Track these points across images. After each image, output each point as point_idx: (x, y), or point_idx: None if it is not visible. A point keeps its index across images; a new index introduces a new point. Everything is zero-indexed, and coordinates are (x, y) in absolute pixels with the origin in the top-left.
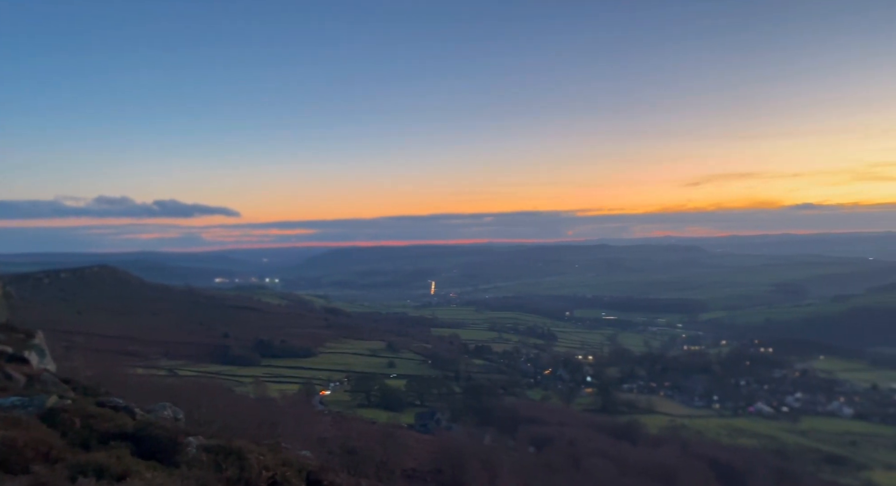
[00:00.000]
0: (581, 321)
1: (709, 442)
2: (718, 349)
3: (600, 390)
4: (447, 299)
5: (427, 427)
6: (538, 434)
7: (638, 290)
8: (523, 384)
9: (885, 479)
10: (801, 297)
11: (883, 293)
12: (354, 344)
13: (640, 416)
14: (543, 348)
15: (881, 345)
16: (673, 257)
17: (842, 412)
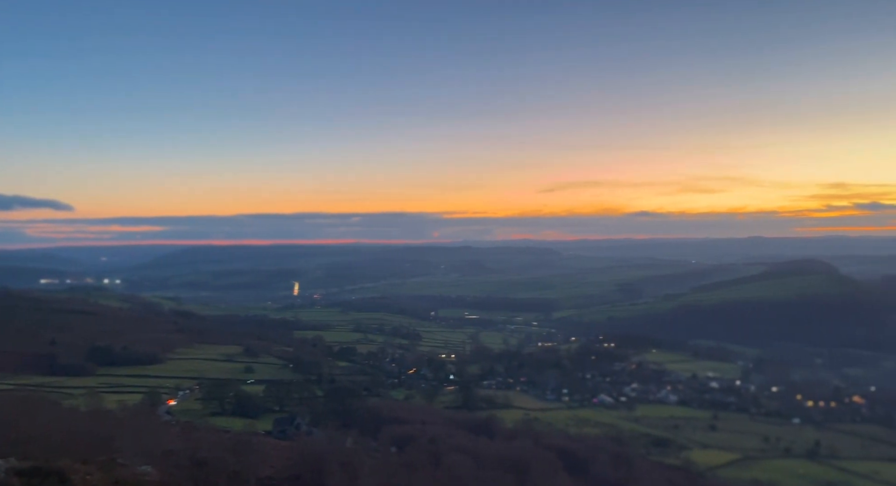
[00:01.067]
0: (445, 321)
1: (558, 433)
2: (569, 346)
3: (461, 387)
4: (311, 300)
5: (286, 433)
6: (401, 434)
7: (498, 290)
8: (387, 385)
9: (701, 457)
10: (638, 296)
11: (703, 292)
12: (208, 349)
13: (498, 411)
14: (408, 349)
15: (701, 338)
16: (530, 259)
17: (668, 400)
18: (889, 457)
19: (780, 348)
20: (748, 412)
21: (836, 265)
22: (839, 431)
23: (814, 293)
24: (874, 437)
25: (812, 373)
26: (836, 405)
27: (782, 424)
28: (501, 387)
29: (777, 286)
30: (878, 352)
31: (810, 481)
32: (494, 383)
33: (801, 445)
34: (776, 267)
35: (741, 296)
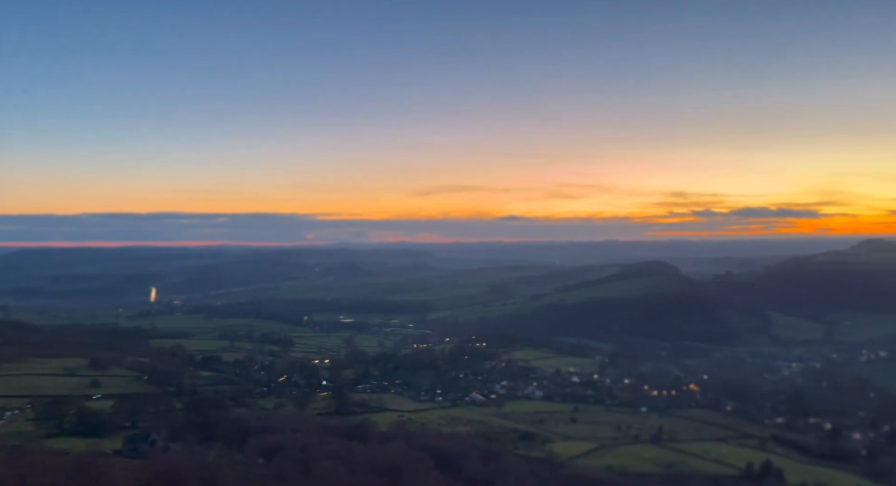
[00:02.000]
0: (319, 325)
1: (431, 433)
2: (443, 346)
3: (335, 392)
4: (171, 306)
5: (138, 451)
6: (269, 444)
7: (375, 292)
8: (256, 394)
9: (562, 448)
10: (508, 296)
11: (566, 292)
12: (45, 363)
13: (373, 415)
14: (279, 355)
15: (564, 335)
16: (406, 261)
17: (535, 395)
18: (717, 437)
19: (632, 343)
20: (604, 404)
21: (678, 266)
22: (678, 416)
23: (659, 292)
24: (705, 420)
25: (657, 365)
26: (676, 394)
27: (632, 413)
28: (376, 390)
29: (629, 286)
30: (710, 344)
31: (654, 463)
32: (369, 386)
33: (647, 431)
34: (628, 268)
35: (598, 295)
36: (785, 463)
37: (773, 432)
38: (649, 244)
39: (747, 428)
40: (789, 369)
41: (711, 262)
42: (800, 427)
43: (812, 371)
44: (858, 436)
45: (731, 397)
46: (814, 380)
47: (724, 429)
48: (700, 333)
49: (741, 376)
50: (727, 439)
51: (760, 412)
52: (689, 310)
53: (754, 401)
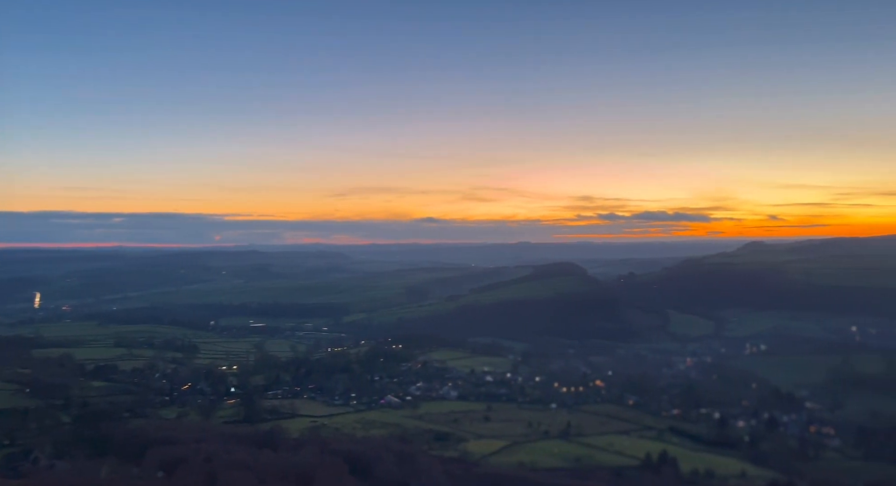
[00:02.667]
0: (227, 330)
1: (345, 438)
2: (358, 349)
3: (244, 399)
4: (59, 312)
5: (18, 470)
6: (170, 456)
7: (287, 295)
8: (157, 404)
9: (476, 447)
10: (425, 298)
11: (481, 293)
12: None
13: (284, 421)
14: (183, 362)
15: (479, 335)
16: (321, 263)
17: (450, 395)
18: (620, 430)
19: (543, 342)
20: (516, 402)
21: (586, 267)
22: (585, 411)
23: (568, 292)
24: (610, 414)
25: (566, 362)
26: (584, 390)
27: (543, 409)
28: (288, 396)
29: (540, 287)
30: (615, 341)
31: (562, 458)
32: (280, 392)
33: (556, 427)
34: (539, 270)
35: (512, 296)
36: (679, 452)
37: (670, 423)
38: (559, 246)
39: (647, 420)
40: (684, 364)
41: (616, 263)
42: (692, 418)
43: (704, 365)
44: (742, 424)
45: (633, 392)
46: (705, 373)
47: (627, 422)
48: (605, 331)
49: (642, 371)
50: (629, 431)
51: (658, 404)
52: (596, 309)
53: (653, 395)
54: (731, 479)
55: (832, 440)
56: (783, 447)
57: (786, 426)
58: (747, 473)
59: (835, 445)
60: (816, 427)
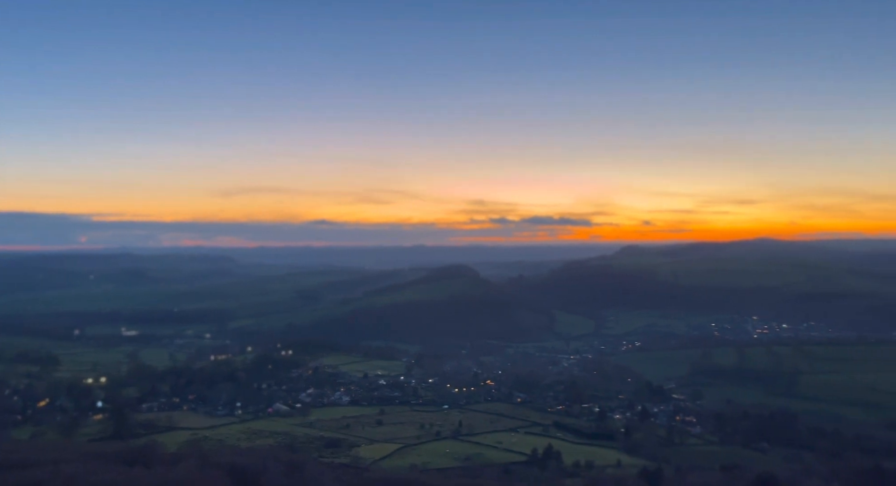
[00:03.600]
0: (95, 340)
1: (228, 449)
2: (244, 356)
3: (113, 414)
4: None
5: None
6: (22, 481)
7: (165, 301)
8: (7, 423)
9: (368, 452)
10: (317, 302)
11: (375, 296)
12: None
13: (160, 435)
14: (39, 376)
15: (373, 339)
16: (204, 267)
17: (342, 401)
18: (509, 427)
19: (437, 343)
20: (409, 404)
21: (478, 270)
22: (476, 411)
23: (462, 295)
24: (500, 412)
25: (459, 363)
26: (475, 389)
27: (435, 411)
28: (165, 408)
29: (435, 289)
30: (505, 341)
31: (453, 458)
32: (156, 404)
33: (448, 427)
34: (434, 272)
35: (407, 299)
36: (563, 445)
37: (555, 418)
38: (454, 249)
39: (534, 417)
40: (568, 361)
41: (507, 265)
42: (575, 412)
43: (585, 362)
44: (619, 416)
45: (521, 390)
46: (586, 370)
47: (515, 419)
48: (497, 331)
49: (530, 369)
50: (517, 428)
51: (544, 401)
52: (488, 310)
53: (540, 392)
54: (608, 469)
55: (694, 427)
56: (653, 436)
57: (656, 417)
58: (622, 462)
59: (696, 432)
60: (681, 416)
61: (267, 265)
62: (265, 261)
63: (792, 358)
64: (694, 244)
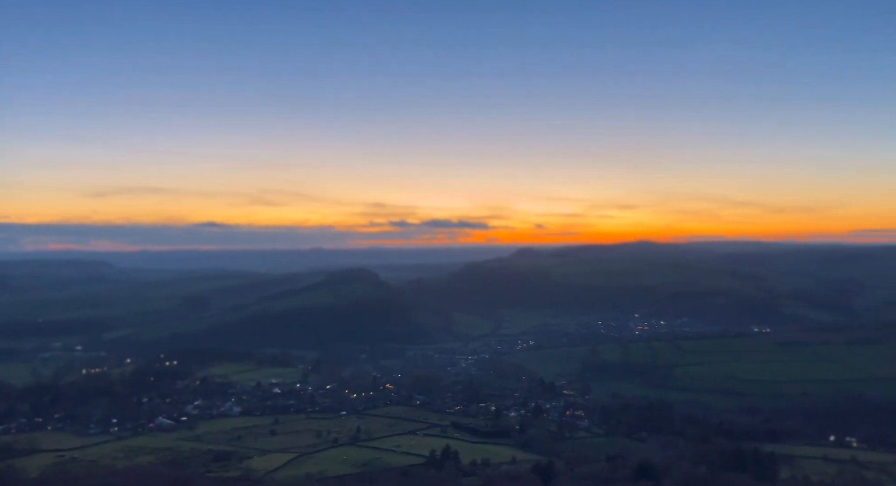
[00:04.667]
0: None
1: (101, 470)
2: (122, 369)
3: None
4: None
5: None
6: None
7: (28, 311)
8: None
9: (261, 463)
10: (206, 308)
11: (270, 302)
12: None
13: (19, 460)
14: None
15: (268, 346)
16: (75, 273)
17: (232, 412)
18: (408, 430)
19: (335, 349)
20: (306, 412)
21: (378, 273)
22: (375, 415)
23: (361, 298)
24: (399, 416)
25: (358, 368)
26: (374, 394)
27: (333, 417)
28: (26, 429)
29: (333, 293)
30: (405, 344)
31: (351, 464)
32: (15, 426)
33: (346, 433)
34: (333, 276)
35: (304, 303)
36: (461, 445)
37: (453, 419)
38: (353, 252)
39: (433, 418)
40: (466, 362)
41: (407, 268)
42: (473, 412)
43: (483, 362)
44: (514, 414)
45: (421, 392)
46: (484, 369)
47: (414, 422)
48: (396, 334)
49: (429, 371)
50: (416, 431)
51: (443, 402)
52: (388, 314)
53: (439, 393)
54: (503, 466)
55: (583, 421)
56: (545, 431)
57: (548, 413)
58: (517, 458)
59: (584, 425)
60: (571, 411)
61: (149, 270)
62: (147, 266)
63: (667, 352)
64: (583, 246)
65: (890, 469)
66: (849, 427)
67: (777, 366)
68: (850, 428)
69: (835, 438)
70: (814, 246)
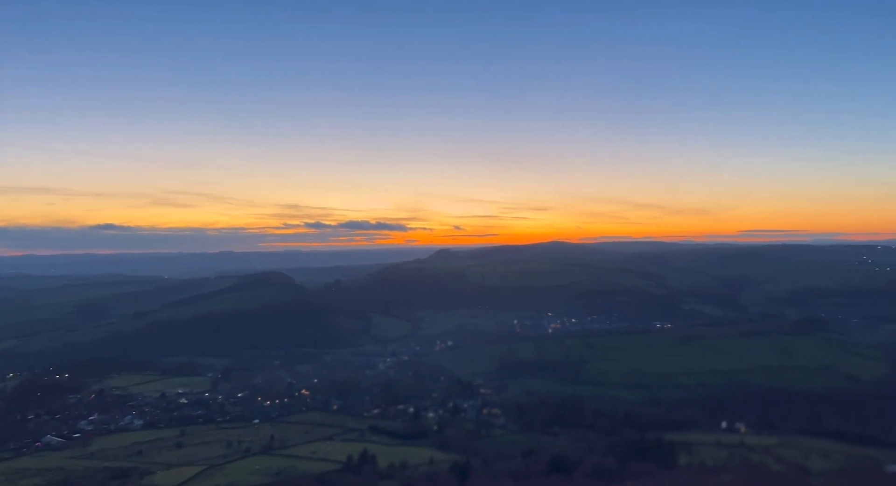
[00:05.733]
0: None
1: None
2: (4, 384)
3: None
4: None
5: None
6: None
7: None
8: None
9: (164, 479)
10: (103, 316)
11: (176, 308)
12: None
13: None
14: None
15: (172, 355)
16: None
17: (133, 425)
18: (324, 436)
19: (248, 355)
20: (215, 422)
21: (293, 276)
22: (290, 422)
23: (275, 302)
24: (315, 422)
25: (271, 374)
26: (289, 400)
27: (245, 426)
28: None
29: (245, 298)
30: (321, 348)
31: (263, 474)
32: None
33: (258, 442)
34: (245, 280)
35: (213, 309)
36: (379, 449)
37: (371, 422)
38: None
39: (350, 423)
40: (385, 364)
41: (324, 271)
42: (391, 414)
43: (401, 364)
44: (432, 415)
45: (338, 397)
46: (402, 371)
47: (331, 427)
48: (312, 339)
49: (346, 375)
50: (333, 436)
51: (361, 406)
52: (303, 318)
53: (356, 397)
54: (421, 467)
55: (499, 418)
56: (463, 431)
57: (466, 412)
58: (435, 459)
59: (501, 423)
60: (488, 409)
61: (36, 276)
62: (33, 271)
63: (579, 349)
64: (499, 247)
65: (773, 451)
66: (738, 414)
67: (678, 359)
68: (740, 415)
69: (726, 424)
70: (708, 246)
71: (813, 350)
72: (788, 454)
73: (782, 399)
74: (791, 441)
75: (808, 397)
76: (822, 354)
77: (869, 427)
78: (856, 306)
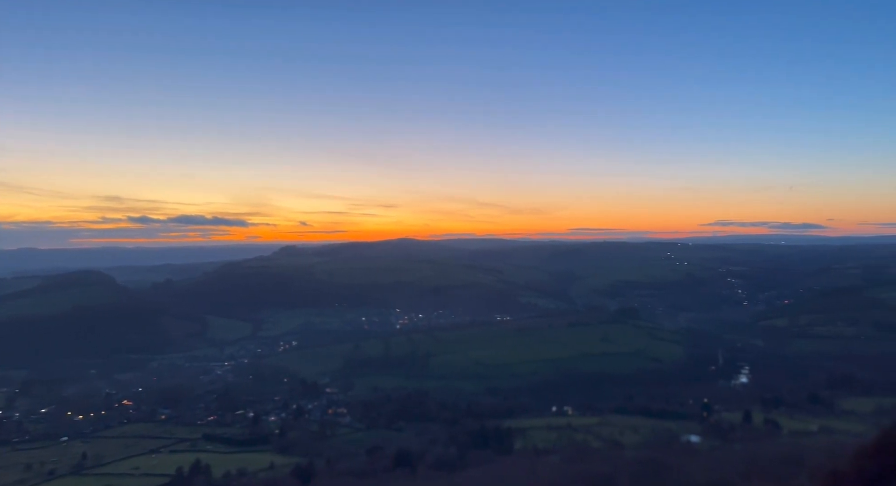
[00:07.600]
0: None
1: None
2: None
3: None
4: None
5: None
6: None
7: None
8: None
9: None
10: None
11: None
12: None
13: None
14: None
15: None
16: None
17: None
18: (150, 449)
19: (56, 365)
20: (10, 444)
21: (114, 276)
22: (108, 437)
23: (92, 305)
24: (139, 434)
25: (86, 385)
26: (107, 413)
27: (50, 445)
28: None
29: (53, 300)
30: (148, 354)
31: None
32: None
33: (67, 462)
34: (52, 280)
35: (11, 314)
36: (213, 458)
37: (205, 431)
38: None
39: (181, 433)
40: (222, 368)
41: (151, 269)
42: (228, 421)
43: (241, 367)
44: (274, 418)
45: (167, 405)
46: (242, 375)
47: (158, 439)
48: (137, 344)
49: (177, 382)
50: (160, 448)
51: (194, 414)
52: (126, 321)
53: (188, 405)
54: (260, 473)
55: (345, 417)
56: (307, 432)
57: (310, 413)
58: (276, 463)
59: (346, 421)
60: (333, 409)
61: None
62: None
63: (425, 344)
64: (346, 244)
65: (594, 430)
66: (566, 398)
67: (515, 350)
68: (567, 398)
69: (556, 408)
70: (542, 243)
71: (627, 337)
72: (606, 432)
73: (603, 382)
74: (608, 420)
75: (623, 380)
76: (634, 340)
77: (669, 403)
78: (660, 297)
